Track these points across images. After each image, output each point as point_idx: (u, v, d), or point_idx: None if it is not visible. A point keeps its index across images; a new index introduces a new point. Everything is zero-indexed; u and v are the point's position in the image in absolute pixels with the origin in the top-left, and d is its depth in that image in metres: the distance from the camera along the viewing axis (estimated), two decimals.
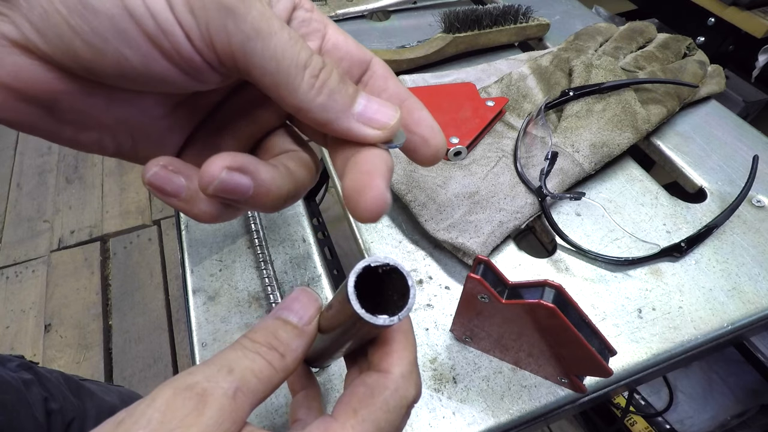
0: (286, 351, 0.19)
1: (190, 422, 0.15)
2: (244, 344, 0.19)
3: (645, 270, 0.42)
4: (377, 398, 0.19)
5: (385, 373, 0.20)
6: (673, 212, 0.46)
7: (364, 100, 0.20)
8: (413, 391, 0.20)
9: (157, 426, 0.15)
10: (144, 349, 1.28)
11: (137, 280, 1.41)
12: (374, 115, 0.20)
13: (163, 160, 0.20)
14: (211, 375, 0.17)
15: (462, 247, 0.40)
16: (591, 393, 0.36)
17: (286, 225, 0.46)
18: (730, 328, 0.39)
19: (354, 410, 0.18)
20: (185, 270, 0.43)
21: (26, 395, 0.54)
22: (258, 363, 0.18)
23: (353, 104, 0.20)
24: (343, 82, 0.19)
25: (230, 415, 0.16)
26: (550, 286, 0.29)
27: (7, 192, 1.67)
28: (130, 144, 0.22)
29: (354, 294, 0.17)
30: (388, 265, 0.18)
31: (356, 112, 0.20)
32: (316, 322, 0.20)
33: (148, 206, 1.60)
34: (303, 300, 0.21)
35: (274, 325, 0.20)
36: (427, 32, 0.66)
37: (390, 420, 0.18)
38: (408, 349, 0.21)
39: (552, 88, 0.54)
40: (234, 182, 0.18)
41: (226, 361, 0.18)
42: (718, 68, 0.57)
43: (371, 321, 0.17)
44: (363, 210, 0.19)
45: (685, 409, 0.83)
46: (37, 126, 0.18)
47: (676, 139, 0.53)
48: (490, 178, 0.45)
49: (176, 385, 0.16)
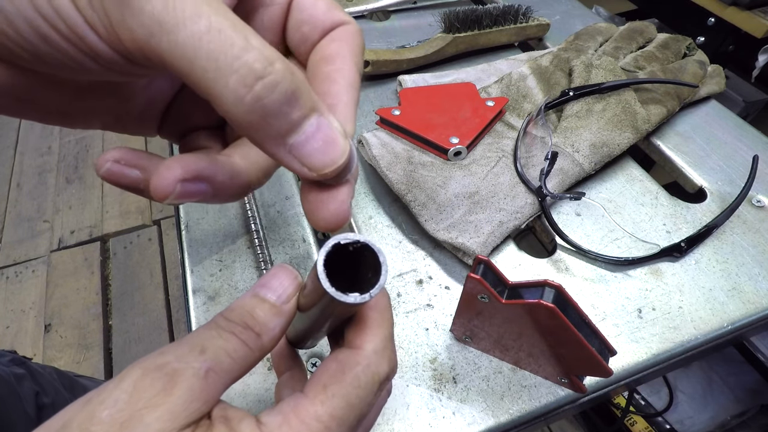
0: (262, 330, 0.18)
1: (158, 402, 0.15)
2: (219, 323, 0.18)
3: (645, 270, 0.42)
4: (348, 374, 0.18)
5: (357, 349, 0.19)
6: (673, 212, 0.46)
7: (311, 128, 0.16)
8: (386, 367, 0.19)
9: (124, 406, 0.15)
10: (144, 349, 1.28)
11: (137, 280, 1.41)
12: (311, 153, 0.16)
13: (115, 154, 0.19)
14: (182, 355, 0.17)
15: (462, 247, 0.40)
16: (591, 393, 0.36)
17: (286, 225, 0.46)
18: (730, 328, 0.39)
19: (324, 386, 0.18)
20: (185, 270, 0.43)
21: (17, 389, 0.54)
22: (232, 343, 0.18)
23: (292, 133, 0.16)
24: (288, 102, 0.15)
25: (200, 394, 0.16)
26: (550, 286, 0.29)
27: (7, 192, 1.67)
28: (112, 120, 0.22)
29: (324, 272, 0.16)
30: (359, 242, 0.17)
31: (291, 144, 0.16)
32: (294, 300, 0.20)
33: (148, 206, 1.60)
34: (281, 277, 0.20)
35: (251, 303, 0.19)
36: (427, 32, 0.66)
37: (361, 396, 0.18)
38: (382, 326, 0.20)
39: (552, 88, 0.54)
40: (191, 191, 0.18)
41: (199, 340, 0.17)
42: (718, 68, 0.57)
43: (341, 299, 0.16)
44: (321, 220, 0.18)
45: (685, 409, 0.83)
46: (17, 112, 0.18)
47: (676, 139, 0.53)
48: (490, 178, 0.45)
49: (145, 366, 0.16)
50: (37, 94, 0.18)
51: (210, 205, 0.48)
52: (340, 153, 0.17)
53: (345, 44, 0.19)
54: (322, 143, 0.16)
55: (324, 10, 0.19)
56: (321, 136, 0.16)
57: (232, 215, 0.47)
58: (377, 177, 0.49)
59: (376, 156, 0.46)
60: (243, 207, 0.47)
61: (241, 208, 0.47)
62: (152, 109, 0.23)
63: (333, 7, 0.20)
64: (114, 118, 0.22)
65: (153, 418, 0.15)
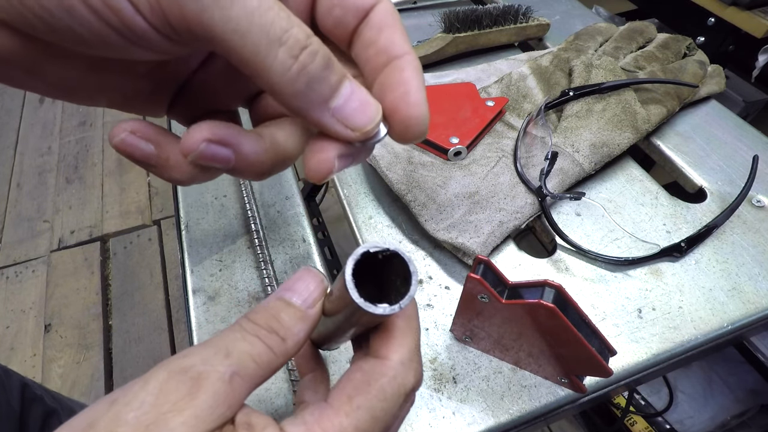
0: (287, 335, 0.18)
1: (183, 406, 0.15)
2: (244, 326, 0.18)
3: (645, 270, 0.42)
4: (373, 385, 0.18)
5: (384, 360, 0.19)
6: (673, 212, 0.46)
7: (347, 91, 0.17)
8: (412, 379, 0.19)
9: (149, 409, 0.15)
10: (144, 349, 1.28)
11: (137, 280, 1.41)
12: (352, 113, 0.18)
13: (130, 125, 0.19)
14: (207, 358, 0.17)
15: (462, 247, 0.40)
16: (591, 393, 0.36)
17: (286, 225, 0.46)
18: (730, 328, 0.39)
19: (349, 397, 0.17)
20: (185, 270, 0.43)
21: (3, 379, 0.54)
22: (257, 347, 0.17)
23: (333, 97, 0.17)
24: (327, 67, 0.16)
25: (225, 399, 0.16)
26: (550, 286, 0.29)
27: (7, 192, 1.67)
28: (120, 98, 0.21)
29: (352, 281, 0.16)
30: (389, 250, 0.17)
31: (333, 107, 0.17)
32: (320, 305, 0.19)
33: (148, 206, 1.60)
34: (307, 280, 0.19)
35: (276, 306, 0.19)
36: (427, 32, 0.66)
37: (386, 408, 0.18)
38: (409, 335, 0.20)
39: (552, 88, 0.54)
40: (213, 153, 0.18)
41: (224, 343, 0.17)
42: (718, 68, 0.57)
43: (369, 310, 0.16)
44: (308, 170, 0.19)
45: (685, 409, 0.83)
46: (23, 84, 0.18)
47: (676, 139, 0.53)
48: (490, 178, 0.45)
49: (171, 368, 0.16)
50: (46, 67, 0.18)
51: (210, 205, 0.48)
52: (376, 110, 0.18)
53: (394, 31, 0.19)
54: (359, 103, 0.18)
55: None
56: (357, 98, 0.18)
57: (232, 215, 0.47)
58: (377, 177, 0.49)
59: (376, 156, 0.46)
60: (243, 207, 0.47)
61: (241, 208, 0.47)
62: (164, 89, 0.22)
63: None
64: (122, 96, 0.21)
65: (178, 422, 0.15)
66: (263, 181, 0.50)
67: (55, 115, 1.95)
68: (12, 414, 0.52)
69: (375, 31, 0.19)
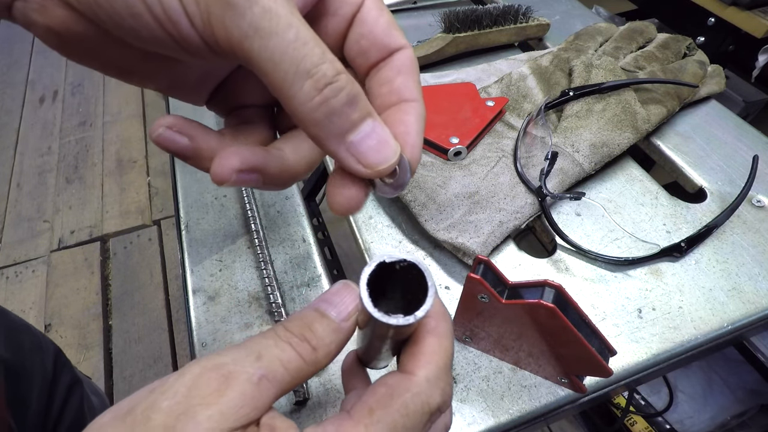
0: (318, 345, 0.19)
1: (211, 401, 0.16)
2: (278, 332, 0.19)
3: (645, 270, 0.42)
4: (396, 400, 0.18)
5: (409, 375, 0.19)
6: (673, 212, 0.46)
7: (367, 128, 0.18)
8: (437, 398, 0.19)
9: (181, 399, 0.16)
10: (144, 349, 1.28)
11: (137, 280, 1.41)
12: (366, 150, 0.18)
13: (168, 120, 0.20)
14: (239, 358, 0.17)
15: (462, 247, 0.40)
16: (591, 393, 0.36)
17: (286, 225, 0.46)
18: (730, 328, 0.39)
19: (370, 409, 0.18)
20: (185, 270, 0.43)
21: (42, 342, 0.57)
22: (287, 353, 0.18)
23: (351, 131, 0.18)
24: (350, 104, 0.17)
25: (251, 400, 0.17)
26: (550, 286, 0.29)
27: (7, 192, 1.67)
28: (166, 85, 0.23)
29: (366, 290, 0.16)
30: (405, 261, 0.17)
31: (349, 141, 0.18)
32: (354, 319, 0.20)
33: (148, 206, 1.60)
34: (343, 294, 0.20)
35: (311, 316, 0.19)
36: (427, 32, 0.66)
37: (408, 425, 0.18)
38: (438, 353, 0.20)
39: (552, 88, 0.54)
40: (244, 180, 0.19)
41: (257, 347, 0.18)
42: (718, 68, 0.57)
43: (383, 320, 0.16)
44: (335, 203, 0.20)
45: (685, 409, 0.83)
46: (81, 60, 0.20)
47: (676, 139, 0.53)
48: (490, 178, 0.45)
49: (204, 364, 0.17)
50: (106, 50, 0.19)
51: (210, 205, 0.48)
52: (392, 153, 0.19)
53: (410, 77, 0.21)
54: (376, 142, 0.18)
55: (384, 28, 0.20)
56: (375, 136, 0.18)
57: (232, 215, 0.47)
58: None
59: None
60: (243, 207, 0.47)
61: (241, 208, 0.47)
62: (207, 83, 0.24)
63: (393, 27, 0.21)
64: (169, 83, 0.23)
65: (205, 416, 0.16)
66: None
67: (55, 115, 1.95)
68: (46, 375, 0.54)
69: (394, 72, 0.21)
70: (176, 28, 0.17)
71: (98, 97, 2.01)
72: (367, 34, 0.20)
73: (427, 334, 0.20)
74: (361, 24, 0.20)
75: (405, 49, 0.21)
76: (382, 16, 0.20)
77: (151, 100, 1.99)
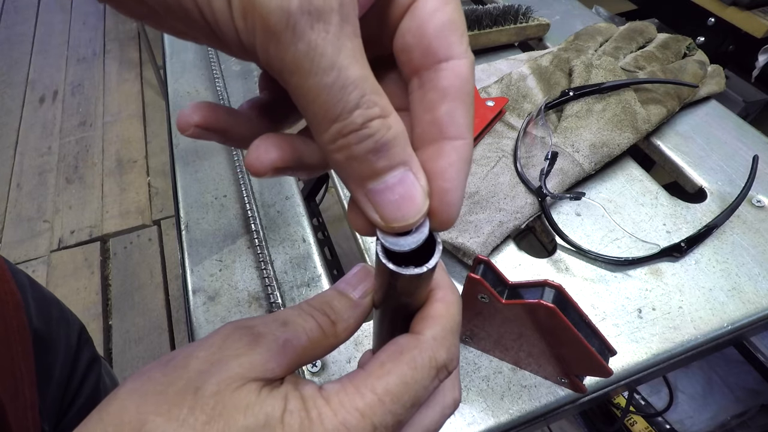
0: (337, 319, 0.21)
1: (242, 353, 0.18)
2: (301, 306, 0.21)
3: (645, 270, 0.42)
4: (405, 354, 0.19)
5: (417, 334, 0.20)
6: (673, 212, 0.46)
7: (393, 180, 0.16)
8: (444, 354, 0.20)
9: (216, 350, 0.18)
10: (144, 349, 1.28)
11: (137, 280, 1.41)
12: (384, 203, 0.17)
13: (195, 119, 0.20)
14: (267, 322, 0.20)
15: (462, 247, 0.40)
16: (591, 393, 0.36)
17: (286, 225, 0.46)
18: (730, 328, 0.39)
19: (381, 363, 0.19)
20: (185, 270, 0.43)
21: (69, 316, 0.58)
22: (309, 323, 0.20)
23: (373, 179, 0.16)
24: (376, 151, 0.16)
25: (276, 357, 0.19)
26: (550, 286, 0.29)
27: (7, 192, 1.67)
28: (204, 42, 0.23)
29: (382, 250, 0.18)
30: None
31: (369, 188, 0.17)
32: (370, 297, 0.22)
33: (148, 206, 1.60)
34: (360, 275, 0.22)
35: (331, 295, 0.22)
36: None
37: (417, 378, 0.19)
38: (445, 317, 0.21)
39: (552, 88, 0.54)
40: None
41: (283, 315, 0.20)
42: (718, 68, 0.57)
43: (399, 271, 0.17)
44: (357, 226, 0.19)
45: (685, 409, 0.83)
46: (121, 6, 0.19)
47: (676, 139, 0.53)
48: (490, 178, 0.45)
49: (236, 324, 0.20)
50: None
51: (210, 205, 0.48)
52: (415, 212, 0.17)
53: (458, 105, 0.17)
54: (399, 197, 0.17)
55: (437, 26, 0.17)
56: (401, 190, 0.17)
57: (232, 215, 0.47)
58: None
59: None
60: (243, 207, 0.47)
61: (241, 208, 0.47)
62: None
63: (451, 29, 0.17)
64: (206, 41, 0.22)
65: (236, 363, 0.18)
66: (263, 181, 0.50)
67: (55, 115, 1.95)
68: (70, 349, 0.56)
69: (439, 95, 0.17)
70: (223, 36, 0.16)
71: (98, 97, 2.01)
72: (415, 29, 0.17)
73: (435, 301, 0.21)
74: (413, 15, 0.17)
75: (458, 60, 0.17)
76: (442, 11, 0.17)
77: (151, 100, 1.99)
